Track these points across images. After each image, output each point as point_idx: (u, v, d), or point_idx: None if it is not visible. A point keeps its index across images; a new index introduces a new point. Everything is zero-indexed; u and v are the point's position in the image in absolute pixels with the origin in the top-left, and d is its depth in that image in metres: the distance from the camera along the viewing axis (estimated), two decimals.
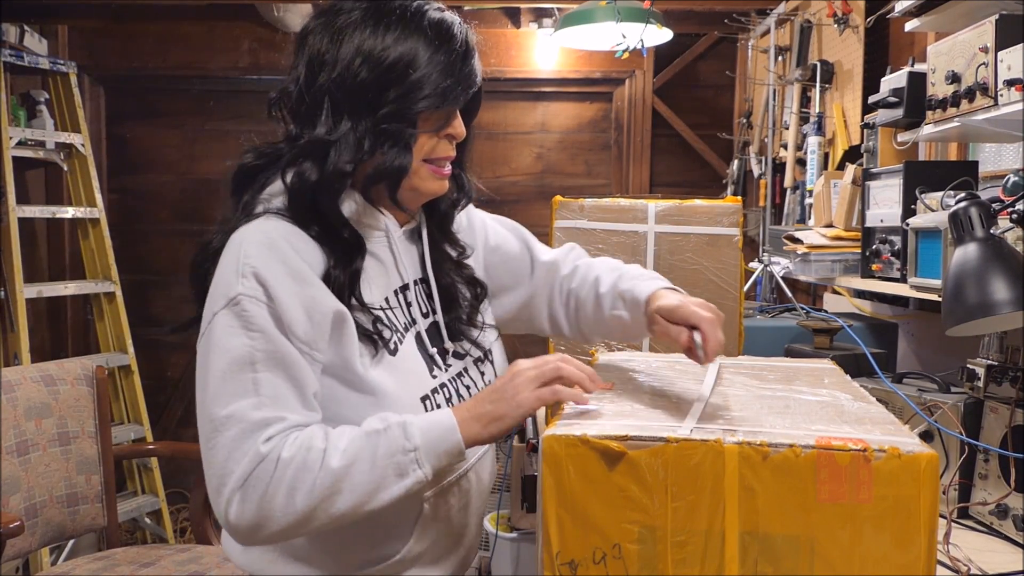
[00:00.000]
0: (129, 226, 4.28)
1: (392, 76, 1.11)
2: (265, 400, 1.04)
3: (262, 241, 1.09)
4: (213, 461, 1.03)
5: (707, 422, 0.98)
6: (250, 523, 1.03)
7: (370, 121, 1.12)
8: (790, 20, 3.26)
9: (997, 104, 1.49)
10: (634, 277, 1.33)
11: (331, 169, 1.11)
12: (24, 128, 3.53)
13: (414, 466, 1.04)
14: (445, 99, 1.14)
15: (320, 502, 1.02)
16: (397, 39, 1.12)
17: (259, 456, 1.02)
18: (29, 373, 2.45)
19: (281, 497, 1.01)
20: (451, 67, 1.14)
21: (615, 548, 0.93)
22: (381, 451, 1.04)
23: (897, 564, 0.89)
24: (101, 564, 2.36)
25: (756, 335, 2.12)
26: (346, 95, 1.12)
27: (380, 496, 1.04)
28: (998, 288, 1.24)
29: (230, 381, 1.04)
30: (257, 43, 4.16)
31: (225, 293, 1.07)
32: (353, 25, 1.13)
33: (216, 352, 1.05)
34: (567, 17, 3.07)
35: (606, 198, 1.94)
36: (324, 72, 1.12)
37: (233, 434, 1.02)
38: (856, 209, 2.26)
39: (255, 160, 1.19)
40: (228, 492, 1.02)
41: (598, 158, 4.33)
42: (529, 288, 1.41)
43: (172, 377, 4.33)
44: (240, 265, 1.07)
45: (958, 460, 1.50)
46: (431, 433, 1.06)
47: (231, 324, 1.05)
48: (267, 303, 1.05)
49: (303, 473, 1.02)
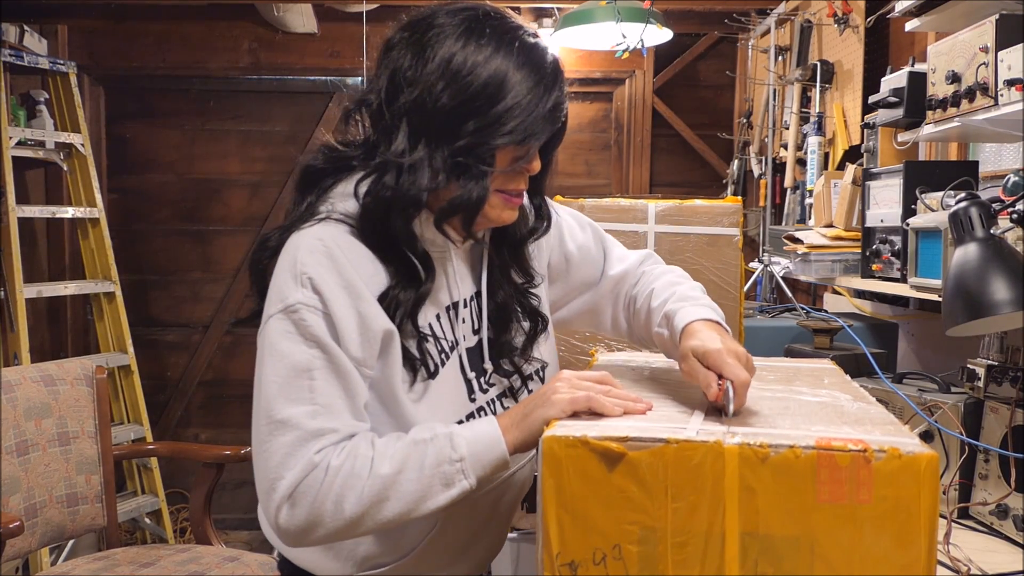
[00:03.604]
0: (129, 226, 4.28)
1: (474, 106, 1.07)
2: (320, 409, 1.05)
3: (319, 249, 1.08)
4: (267, 463, 1.05)
5: (710, 423, 0.99)
6: (299, 528, 1.04)
7: (448, 150, 1.08)
8: (790, 20, 3.26)
9: (997, 104, 1.49)
10: (682, 299, 1.25)
11: (405, 193, 1.08)
12: (24, 128, 3.53)
13: (460, 476, 1.05)
14: (526, 136, 1.09)
15: (368, 508, 1.04)
16: (484, 63, 1.08)
17: (311, 464, 1.03)
18: (29, 373, 2.45)
19: (330, 504, 1.03)
20: (536, 102, 1.10)
21: (615, 549, 0.93)
22: (428, 460, 1.05)
23: (897, 564, 0.88)
24: (101, 564, 2.36)
25: (756, 335, 2.12)
26: (425, 119, 1.08)
27: (426, 504, 1.05)
28: (998, 288, 1.24)
29: (287, 386, 1.05)
30: (257, 43, 4.16)
31: (282, 298, 1.07)
32: (439, 43, 1.09)
33: (273, 356, 1.06)
34: (567, 17, 3.07)
35: (606, 198, 1.94)
36: (405, 91, 1.09)
37: (288, 440, 1.04)
38: (856, 209, 2.26)
39: (323, 163, 1.18)
40: (279, 498, 1.04)
41: (598, 158, 4.33)
42: (595, 295, 1.40)
43: (172, 377, 4.33)
44: (297, 272, 1.07)
45: (958, 460, 1.50)
46: (477, 445, 1.06)
47: (288, 330, 1.06)
48: (323, 313, 1.06)
49: (352, 480, 1.03)
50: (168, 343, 4.32)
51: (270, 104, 4.29)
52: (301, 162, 1.19)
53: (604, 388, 1.06)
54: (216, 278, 4.32)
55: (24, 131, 3.51)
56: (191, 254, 4.33)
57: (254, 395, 1.08)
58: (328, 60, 4.17)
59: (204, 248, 4.33)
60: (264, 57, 4.17)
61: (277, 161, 4.29)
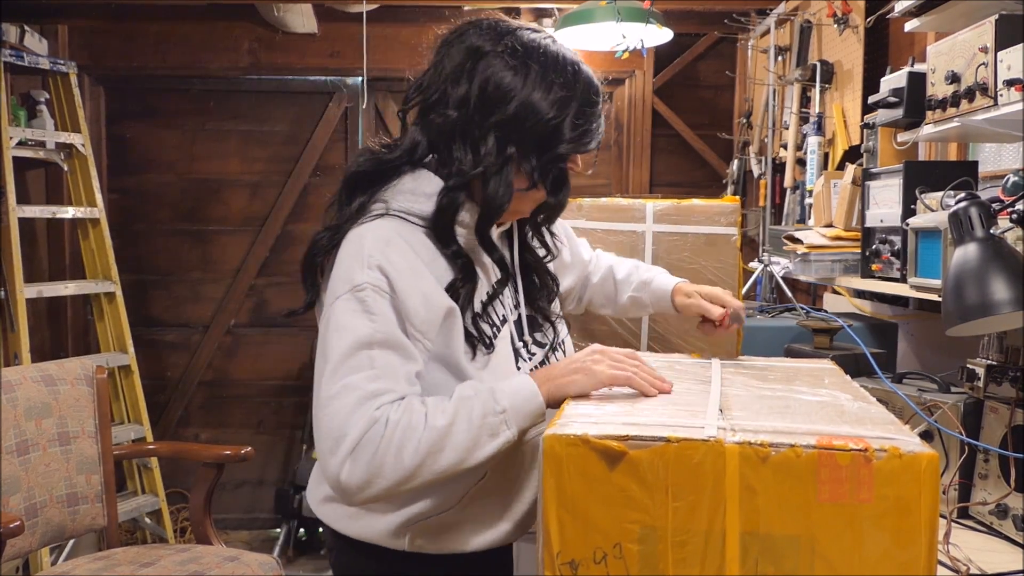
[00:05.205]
0: (129, 226, 4.28)
1: (571, 121, 1.24)
2: (380, 373, 1.14)
3: (383, 237, 1.20)
4: (329, 426, 1.13)
5: (718, 421, 0.99)
6: (360, 481, 1.12)
7: (535, 159, 1.23)
8: (790, 20, 3.26)
9: (997, 104, 1.49)
10: (649, 270, 1.64)
11: (494, 197, 1.23)
12: (24, 128, 3.53)
13: (504, 427, 1.15)
14: (597, 144, 1.32)
15: (425, 458, 1.12)
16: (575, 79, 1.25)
17: (372, 420, 1.12)
18: (29, 373, 2.46)
19: (391, 456, 1.11)
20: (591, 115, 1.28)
21: (616, 548, 0.93)
22: (476, 413, 1.15)
23: (897, 564, 0.89)
24: (101, 564, 2.36)
25: (756, 335, 2.12)
26: (521, 131, 1.22)
27: (476, 454, 1.15)
28: (998, 288, 1.25)
29: (350, 357, 1.14)
30: (257, 43, 4.16)
31: (349, 280, 1.17)
32: (538, 61, 1.23)
33: (338, 332, 1.16)
34: (567, 17, 3.07)
35: (605, 198, 1.94)
36: (497, 109, 1.21)
37: (349, 401, 1.12)
38: (856, 209, 2.26)
39: (370, 168, 1.28)
40: (342, 454, 1.11)
41: (598, 158, 4.33)
42: (572, 278, 1.63)
43: (172, 377, 4.33)
44: (364, 258, 1.18)
45: (958, 460, 1.50)
46: (516, 398, 1.17)
47: (353, 308, 1.16)
48: (389, 293, 1.17)
49: (410, 432, 1.12)
50: (168, 343, 4.32)
51: (270, 104, 4.29)
52: (348, 168, 1.30)
53: (636, 365, 1.20)
54: (216, 278, 4.32)
55: (24, 131, 3.51)
56: (191, 254, 4.32)
57: (316, 368, 1.18)
58: (328, 60, 4.17)
59: (204, 248, 4.32)
60: (264, 57, 4.17)
61: (277, 161, 4.29)
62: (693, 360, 1.44)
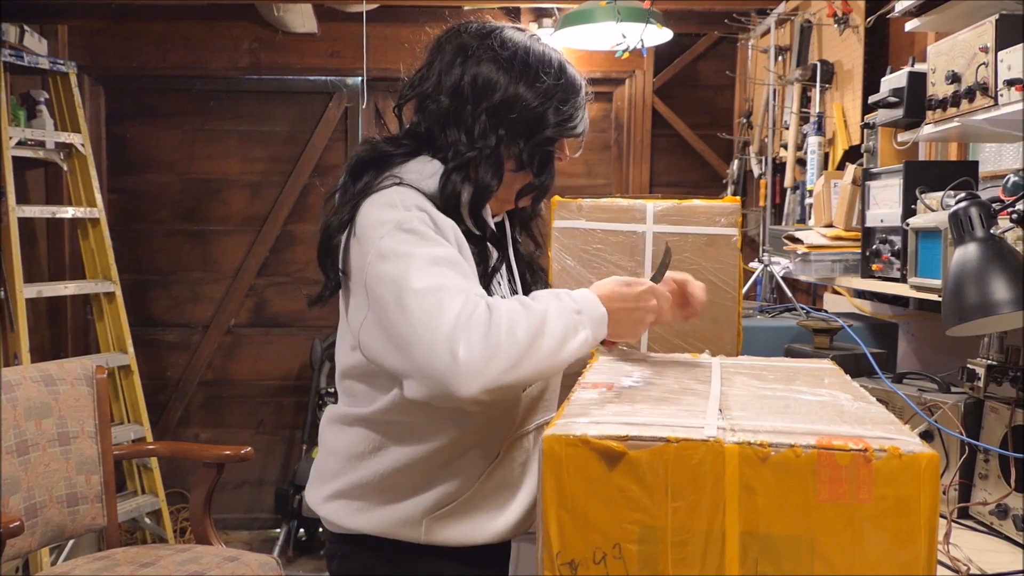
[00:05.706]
0: (129, 226, 4.28)
1: (555, 106, 1.32)
2: (462, 275, 1.17)
3: (407, 194, 1.25)
4: (422, 325, 1.11)
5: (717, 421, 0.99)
6: (480, 357, 1.09)
7: (524, 143, 1.31)
8: (790, 20, 3.26)
9: (997, 104, 1.49)
10: None
11: (484, 180, 1.29)
12: (24, 128, 3.53)
13: (581, 325, 1.19)
14: (583, 130, 1.39)
15: (534, 338, 1.13)
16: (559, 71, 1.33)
17: (474, 303, 1.12)
18: (29, 373, 2.46)
19: (504, 331, 1.11)
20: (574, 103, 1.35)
21: (615, 548, 0.93)
22: (559, 308, 1.18)
23: (897, 564, 0.88)
24: (101, 564, 2.36)
25: (756, 335, 2.12)
26: (509, 117, 1.29)
27: (567, 346, 1.17)
28: (998, 288, 1.24)
29: (423, 271, 1.15)
30: (257, 43, 4.16)
31: (385, 222, 1.20)
32: (512, 65, 1.30)
33: (399, 259, 1.16)
34: (567, 17, 3.07)
35: (605, 198, 1.94)
36: (487, 97, 1.29)
37: (440, 296, 1.12)
38: (856, 209, 2.26)
39: (375, 154, 1.33)
40: (447, 333, 1.09)
41: (598, 158, 4.33)
42: None
43: (172, 377, 4.33)
44: (397, 203, 1.22)
45: (958, 460, 1.50)
46: (585, 303, 1.22)
47: (406, 239, 1.18)
48: (433, 226, 1.21)
49: (514, 314, 1.14)
50: (168, 343, 4.32)
51: (270, 104, 4.29)
52: (351, 156, 1.35)
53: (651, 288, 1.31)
54: (216, 278, 4.32)
55: (24, 131, 3.51)
56: (191, 254, 4.32)
57: (384, 306, 1.16)
58: (328, 60, 4.17)
59: (204, 248, 4.32)
60: (264, 57, 4.17)
61: (277, 161, 4.29)
62: (693, 360, 1.44)
